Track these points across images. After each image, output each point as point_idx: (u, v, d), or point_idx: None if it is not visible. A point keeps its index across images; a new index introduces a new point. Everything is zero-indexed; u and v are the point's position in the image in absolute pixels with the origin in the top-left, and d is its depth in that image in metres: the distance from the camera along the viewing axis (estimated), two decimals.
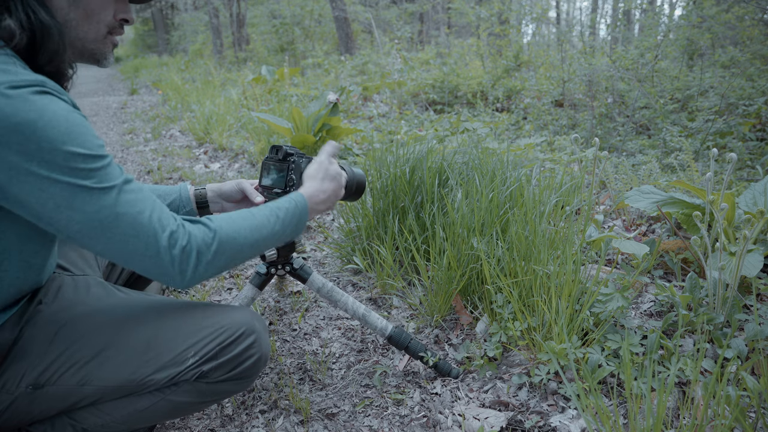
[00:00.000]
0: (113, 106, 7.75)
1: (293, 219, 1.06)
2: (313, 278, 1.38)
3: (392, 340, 1.38)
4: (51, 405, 0.97)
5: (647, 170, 2.51)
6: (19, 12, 0.85)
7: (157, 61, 15.26)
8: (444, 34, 11.46)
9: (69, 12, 0.90)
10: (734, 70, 3.91)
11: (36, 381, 0.94)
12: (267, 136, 3.88)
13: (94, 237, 0.85)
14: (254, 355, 1.03)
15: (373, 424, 1.27)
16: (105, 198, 0.84)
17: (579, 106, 4.46)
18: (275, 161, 1.28)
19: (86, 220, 0.83)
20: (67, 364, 0.95)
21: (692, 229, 1.77)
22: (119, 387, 0.97)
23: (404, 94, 5.64)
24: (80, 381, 0.95)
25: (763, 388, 1.09)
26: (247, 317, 1.04)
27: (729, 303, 1.39)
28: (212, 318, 1.02)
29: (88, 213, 0.83)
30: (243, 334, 1.01)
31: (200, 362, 0.98)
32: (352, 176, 1.34)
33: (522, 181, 1.88)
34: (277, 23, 11.57)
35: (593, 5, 19.02)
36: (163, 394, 0.99)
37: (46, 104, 0.80)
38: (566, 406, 1.26)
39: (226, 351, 0.99)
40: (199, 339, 0.99)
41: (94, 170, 0.84)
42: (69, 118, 0.82)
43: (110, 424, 1.01)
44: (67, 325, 0.98)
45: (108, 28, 0.96)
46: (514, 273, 1.51)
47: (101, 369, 0.95)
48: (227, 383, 1.02)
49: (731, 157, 1.54)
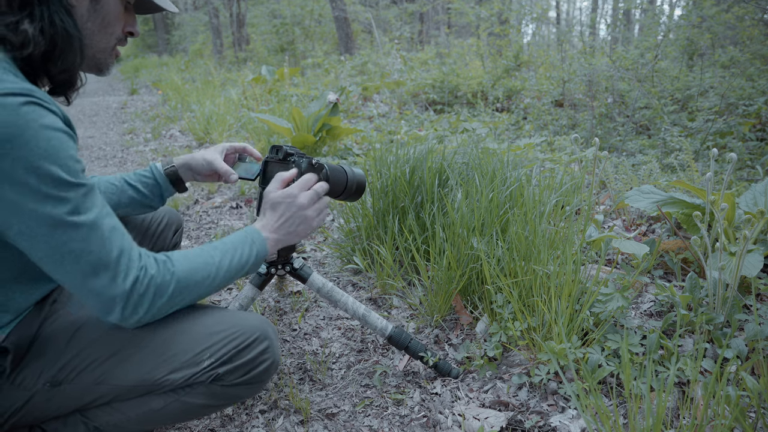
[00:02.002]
0: (113, 106, 7.75)
1: (248, 258, 1.04)
2: (313, 278, 1.37)
3: (392, 340, 1.38)
4: (67, 403, 0.98)
5: (647, 170, 2.51)
6: (44, 19, 0.83)
7: (157, 61, 15.27)
8: (444, 34, 11.46)
9: (87, 21, 0.91)
10: (734, 70, 3.91)
11: (54, 378, 0.95)
12: (267, 136, 3.88)
13: (52, 268, 0.83)
14: (267, 360, 1.03)
15: (373, 424, 1.27)
16: (72, 233, 0.81)
17: (579, 106, 4.46)
18: (276, 161, 1.28)
19: (49, 251, 0.81)
20: (85, 362, 0.96)
21: (692, 229, 1.77)
22: (135, 386, 0.97)
23: (404, 94, 5.64)
24: (97, 379, 0.96)
25: (763, 388, 1.09)
26: (260, 323, 1.05)
27: (729, 303, 1.39)
28: (228, 322, 1.02)
29: (52, 246, 0.80)
30: (257, 339, 1.02)
31: (216, 365, 0.98)
32: (352, 176, 1.34)
33: (522, 181, 1.88)
34: (277, 23, 11.58)
35: (593, 5, 19.03)
36: (178, 395, 1.00)
37: (31, 119, 0.75)
38: (566, 406, 1.26)
39: (241, 355, 1.00)
40: (215, 342, 0.99)
41: (68, 199, 0.80)
42: (53, 137, 0.78)
43: (123, 423, 1.02)
44: (86, 325, 0.99)
45: (117, 39, 0.98)
46: (514, 273, 1.51)
47: (118, 368, 0.96)
48: (240, 387, 1.03)
49: (731, 157, 1.54)
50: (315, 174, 1.20)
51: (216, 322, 1.02)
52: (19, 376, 0.95)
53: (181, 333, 0.99)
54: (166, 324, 0.99)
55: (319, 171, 1.25)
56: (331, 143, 3.55)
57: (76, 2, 0.88)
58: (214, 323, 1.01)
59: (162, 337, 0.98)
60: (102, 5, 0.92)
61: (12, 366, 0.94)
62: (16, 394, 0.95)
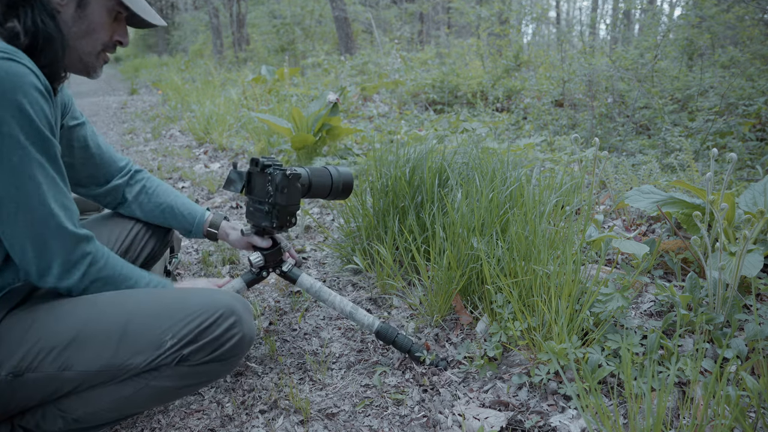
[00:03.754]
0: (113, 106, 7.75)
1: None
2: (301, 279, 1.45)
3: (380, 335, 1.43)
4: (34, 392, 0.99)
5: (647, 170, 2.50)
6: (28, 19, 0.93)
7: (157, 61, 15.28)
8: (444, 34, 11.46)
9: (72, 26, 0.99)
10: (734, 70, 3.91)
11: (16, 368, 0.96)
12: (267, 136, 3.88)
13: (4, 213, 0.91)
14: (236, 335, 1.04)
15: (373, 424, 1.27)
16: (36, 171, 0.92)
17: (579, 106, 4.46)
18: (257, 173, 1.34)
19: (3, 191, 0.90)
20: (45, 350, 0.97)
21: (692, 229, 1.77)
22: (99, 372, 0.99)
23: (404, 94, 5.64)
24: (60, 366, 0.97)
25: (763, 388, 1.09)
26: (225, 299, 1.06)
27: (729, 303, 1.39)
28: (189, 301, 1.04)
29: (5, 185, 0.89)
30: (222, 315, 1.03)
31: (179, 345, 1.00)
32: (338, 177, 1.42)
33: (522, 181, 1.87)
34: (278, 23, 11.58)
35: (593, 5, 19.02)
36: (146, 380, 1.01)
37: (11, 68, 0.87)
38: (566, 406, 1.26)
39: (205, 333, 1.01)
40: (176, 322, 1.00)
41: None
42: (29, 92, 0.89)
43: (99, 412, 1.03)
44: (45, 312, 1.00)
45: (103, 46, 1.05)
46: (514, 273, 1.51)
47: (80, 353, 0.97)
48: (211, 365, 1.04)
49: (731, 157, 1.54)
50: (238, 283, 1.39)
51: (178, 303, 1.03)
52: None
53: (141, 315, 1.01)
54: (126, 306, 1.01)
55: (296, 180, 1.31)
56: (331, 143, 3.55)
57: (61, 8, 0.98)
58: (175, 304, 1.03)
59: (122, 321, 1.00)
60: (87, 13, 1.00)
61: None
62: None
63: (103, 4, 1.01)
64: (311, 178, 1.39)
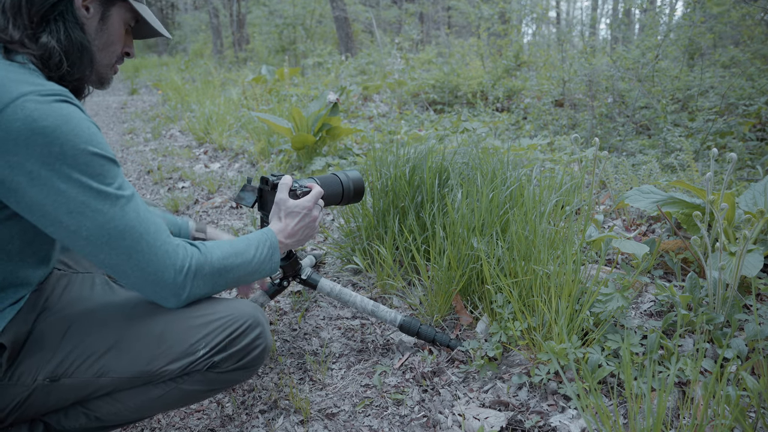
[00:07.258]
0: (113, 106, 7.75)
1: (268, 252, 1.14)
2: (321, 284, 1.50)
3: (403, 328, 1.48)
4: (67, 395, 1.01)
5: (647, 170, 2.50)
6: (61, 33, 0.95)
7: (157, 61, 15.27)
8: (444, 34, 11.45)
9: (95, 38, 1.01)
10: (735, 69, 3.91)
11: (53, 374, 0.98)
12: (267, 136, 3.88)
13: (98, 246, 0.90)
14: (260, 345, 1.08)
15: (373, 424, 1.27)
16: (118, 208, 0.90)
17: (579, 106, 4.46)
18: (267, 191, 1.35)
19: (96, 228, 0.88)
20: (82, 356, 0.99)
21: (692, 229, 1.76)
22: (135, 377, 1.01)
23: (404, 94, 5.64)
24: (97, 373, 0.99)
25: (763, 388, 1.09)
26: (251, 309, 1.09)
27: (729, 303, 1.39)
28: (220, 311, 1.06)
29: (99, 222, 0.88)
30: (250, 326, 1.06)
31: (212, 353, 1.02)
32: (347, 182, 1.43)
33: (522, 181, 1.87)
34: (280, 23, 11.58)
35: (593, 5, 19.01)
36: (176, 384, 1.04)
37: (71, 112, 0.87)
38: (566, 406, 1.26)
39: (235, 342, 1.04)
40: (209, 331, 1.02)
41: (113, 175, 0.90)
42: (90, 126, 0.90)
43: (122, 412, 1.06)
44: (79, 320, 1.02)
45: (117, 57, 1.08)
46: (514, 273, 1.51)
47: (117, 361, 1.00)
48: (235, 372, 1.07)
49: (731, 157, 1.53)
50: (321, 189, 1.31)
51: (208, 312, 1.05)
52: (16, 373, 0.97)
53: (175, 324, 1.02)
54: (160, 315, 1.03)
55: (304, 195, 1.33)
56: (331, 143, 3.55)
57: (86, 21, 0.99)
58: (206, 313, 1.05)
59: (157, 329, 1.01)
60: (108, 25, 1.02)
61: (8, 363, 0.96)
62: (15, 391, 0.97)
63: (121, 16, 1.04)
64: (321, 188, 1.40)
